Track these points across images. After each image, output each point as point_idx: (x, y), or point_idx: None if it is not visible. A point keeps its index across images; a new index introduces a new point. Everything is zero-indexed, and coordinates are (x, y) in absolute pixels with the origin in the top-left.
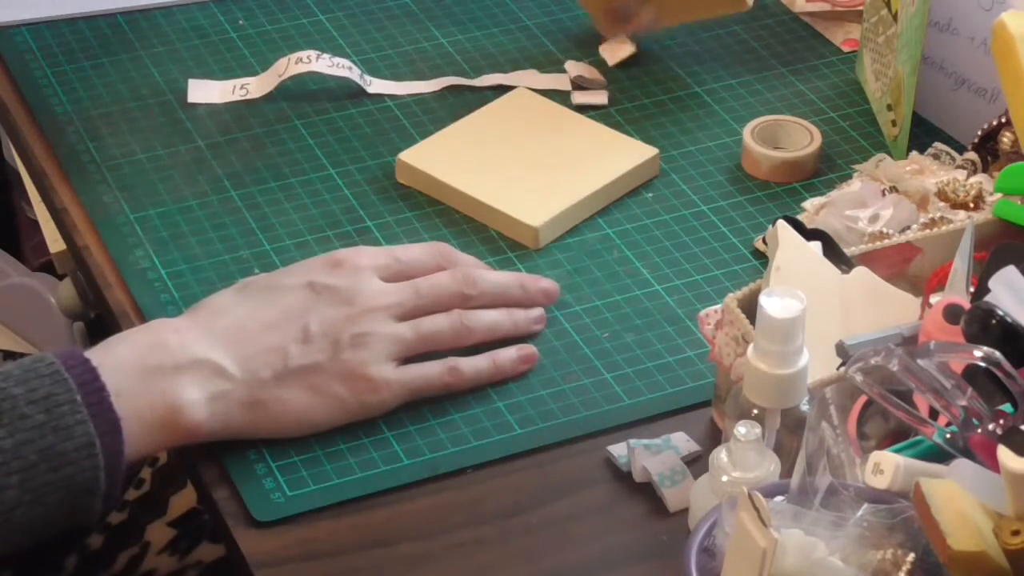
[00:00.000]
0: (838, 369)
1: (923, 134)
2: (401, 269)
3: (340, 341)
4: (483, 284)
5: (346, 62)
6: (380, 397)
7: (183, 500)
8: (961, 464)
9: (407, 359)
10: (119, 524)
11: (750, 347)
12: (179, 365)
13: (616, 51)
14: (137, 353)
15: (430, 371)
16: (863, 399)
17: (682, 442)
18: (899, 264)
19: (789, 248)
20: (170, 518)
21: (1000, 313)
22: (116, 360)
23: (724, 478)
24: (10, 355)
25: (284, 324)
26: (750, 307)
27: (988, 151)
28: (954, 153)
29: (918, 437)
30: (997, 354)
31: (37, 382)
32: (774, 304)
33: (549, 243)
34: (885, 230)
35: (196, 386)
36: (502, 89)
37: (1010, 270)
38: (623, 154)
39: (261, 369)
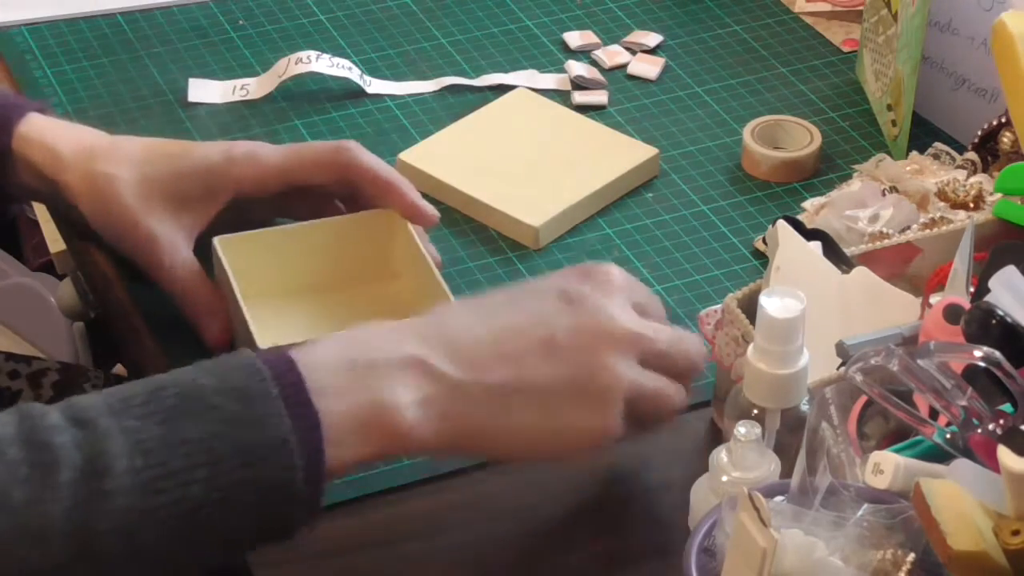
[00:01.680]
0: (838, 369)
1: (923, 134)
2: (642, 309)
3: (590, 363)
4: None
5: (346, 62)
6: (603, 441)
7: None
8: (961, 464)
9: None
10: None
11: (750, 347)
12: (390, 361)
13: (615, 53)
14: (343, 349)
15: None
16: (863, 399)
17: None
18: (899, 264)
19: (789, 248)
20: None
21: (1000, 313)
22: (319, 356)
23: (724, 478)
24: (10, 356)
25: (526, 331)
26: (750, 307)
27: (988, 151)
28: (954, 153)
29: (918, 437)
30: (997, 354)
31: (230, 373)
32: (774, 304)
33: (549, 243)
34: (885, 230)
35: (408, 387)
36: (502, 89)
37: (1010, 270)
38: (623, 154)
39: (486, 378)
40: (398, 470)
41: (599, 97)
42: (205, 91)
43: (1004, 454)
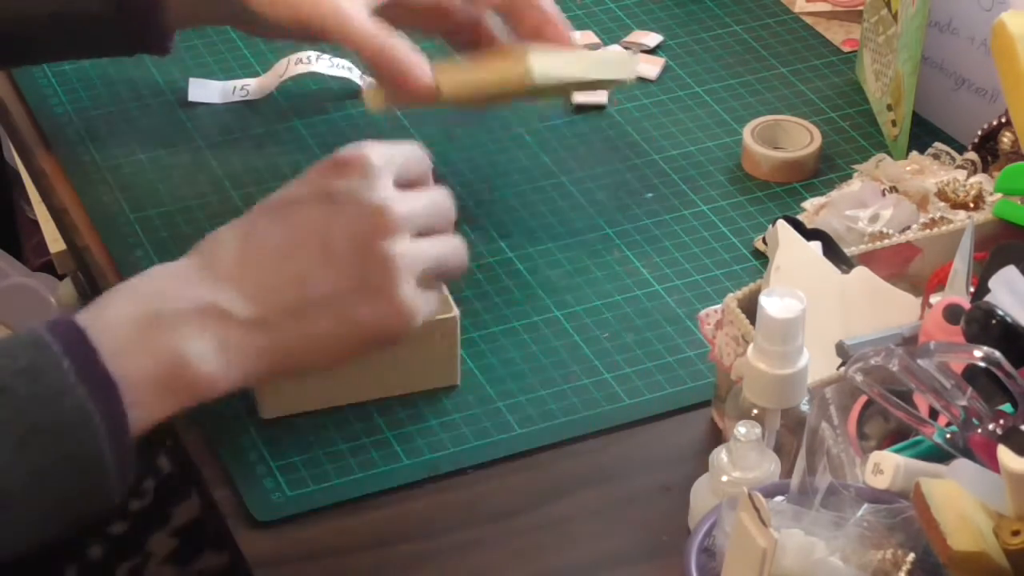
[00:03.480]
0: (838, 369)
1: (923, 134)
2: (402, 172)
3: (368, 259)
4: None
5: (346, 62)
6: (404, 324)
7: (186, 510)
8: (961, 464)
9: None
10: (120, 535)
11: (750, 347)
12: (180, 312)
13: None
14: (133, 306)
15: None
16: (863, 399)
17: None
18: (899, 264)
19: (789, 248)
20: (172, 528)
21: (1000, 313)
22: (110, 318)
23: (724, 478)
24: None
25: (301, 245)
26: (750, 307)
27: (988, 151)
28: (954, 153)
29: (918, 437)
30: (997, 354)
31: (20, 351)
32: (774, 304)
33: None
34: (885, 230)
35: (202, 336)
36: None
37: (1010, 270)
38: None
39: (276, 306)
40: (398, 470)
41: (599, 97)
42: (205, 91)
43: (1004, 454)
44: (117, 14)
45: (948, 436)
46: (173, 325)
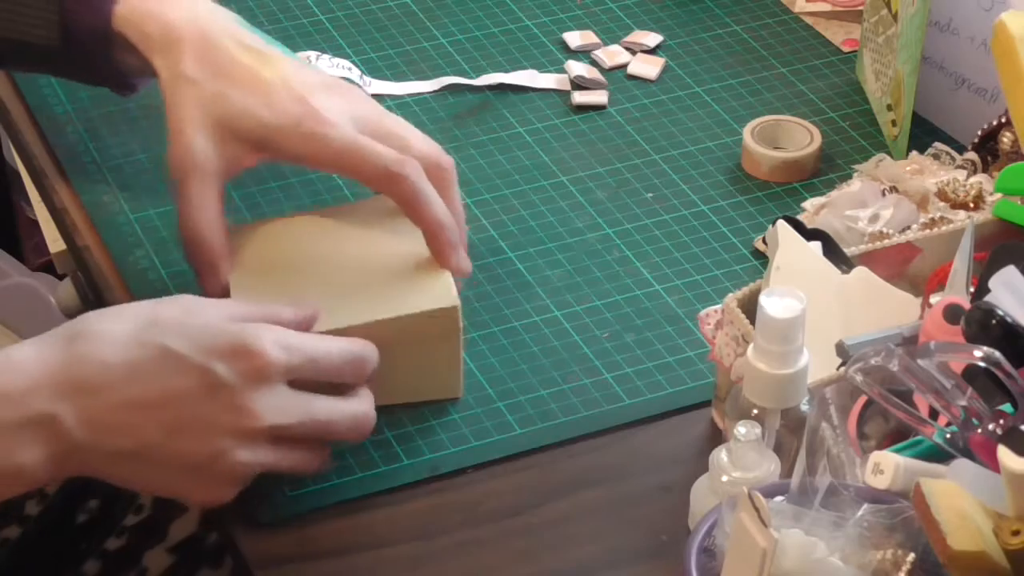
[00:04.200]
0: (838, 369)
1: (923, 134)
2: (314, 376)
3: (213, 458)
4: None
5: (346, 62)
6: (218, 503)
7: (183, 526)
8: (961, 464)
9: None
10: (117, 550)
11: (750, 347)
12: (17, 422)
13: (615, 53)
14: None
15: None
16: (863, 399)
17: None
18: (899, 264)
19: (789, 248)
20: (169, 544)
21: (1000, 313)
22: None
23: (724, 478)
24: None
25: (158, 407)
26: (750, 307)
27: (988, 151)
28: (954, 153)
29: (918, 437)
30: (997, 354)
31: None
32: (774, 304)
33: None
34: (885, 230)
35: (35, 445)
36: (502, 89)
37: (1010, 270)
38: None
39: (111, 446)
40: (398, 470)
41: (599, 97)
42: None
43: (1004, 454)
44: (63, 44)
45: (948, 436)
46: (7, 434)
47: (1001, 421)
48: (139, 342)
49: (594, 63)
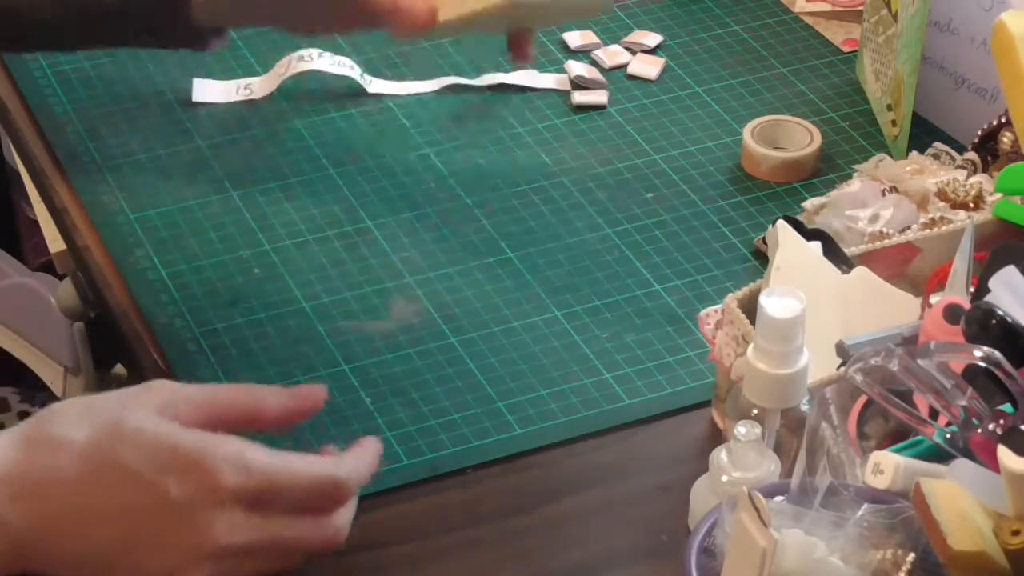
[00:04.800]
0: (838, 369)
1: (923, 134)
2: (272, 500)
3: (163, 566)
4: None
5: (347, 61)
6: None
7: None
8: (961, 464)
9: None
10: None
11: (750, 347)
12: None
13: (615, 53)
14: None
15: None
16: (863, 399)
17: None
18: (899, 264)
19: (789, 248)
20: None
21: (1000, 313)
22: None
23: (724, 478)
24: (10, 356)
25: (112, 519)
26: (750, 307)
27: (988, 151)
28: (954, 153)
29: (918, 437)
30: (997, 354)
31: None
32: (774, 304)
33: None
34: (885, 230)
35: None
36: (502, 89)
37: (1010, 270)
38: None
39: (53, 551)
40: (398, 470)
41: (599, 97)
42: (209, 91)
43: (1004, 454)
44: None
45: (948, 436)
46: None
47: (1001, 421)
48: (94, 457)
49: (594, 63)
